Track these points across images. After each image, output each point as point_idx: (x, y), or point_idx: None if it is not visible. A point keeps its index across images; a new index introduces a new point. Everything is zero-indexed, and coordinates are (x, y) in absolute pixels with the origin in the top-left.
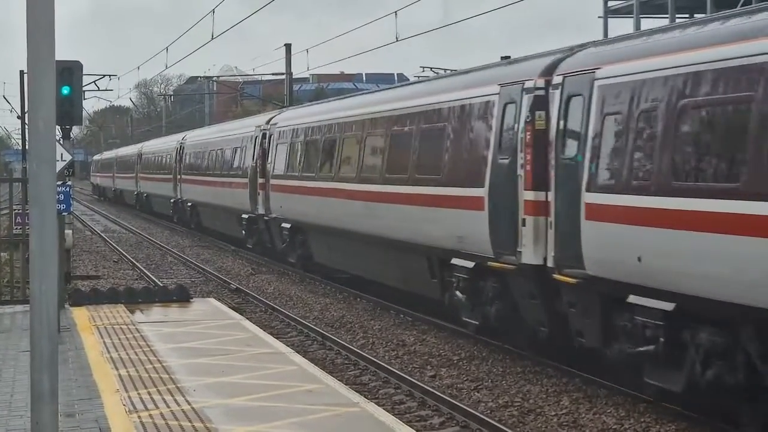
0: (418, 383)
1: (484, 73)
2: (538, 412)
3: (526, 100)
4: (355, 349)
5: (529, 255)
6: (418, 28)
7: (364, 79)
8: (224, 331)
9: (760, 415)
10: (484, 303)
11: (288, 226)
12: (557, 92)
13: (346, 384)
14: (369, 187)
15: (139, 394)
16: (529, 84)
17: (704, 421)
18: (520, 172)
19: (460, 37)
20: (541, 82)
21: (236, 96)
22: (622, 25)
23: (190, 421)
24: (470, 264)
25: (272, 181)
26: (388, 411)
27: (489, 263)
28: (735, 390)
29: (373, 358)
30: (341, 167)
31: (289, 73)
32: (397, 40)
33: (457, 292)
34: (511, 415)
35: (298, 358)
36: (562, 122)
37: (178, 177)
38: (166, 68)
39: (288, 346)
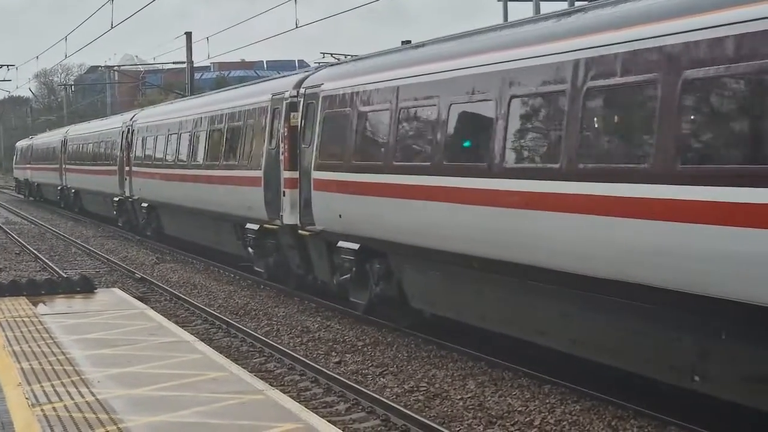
0: (324, 370)
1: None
2: (443, 396)
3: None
4: (260, 337)
5: (287, 218)
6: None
7: (265, 66)
8: (129, 321)
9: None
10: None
11: (145, 204)
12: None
13: (251, 372)
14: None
15: (42, 386)
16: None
17: (607, 400)
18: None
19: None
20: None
21: (138, 85)
22: (521, 9)
23: (94, 413)
24: (256, 226)
25: (134, 168)
26: (293, 398)
27: (264, 225)
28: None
29: (278, 345)
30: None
31: (190, 61)
32: (297, 27)
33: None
34: (416, 400)
35: (203, 347)
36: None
37: (64, 167)
38: (66, 57)
39: (193, 334)
